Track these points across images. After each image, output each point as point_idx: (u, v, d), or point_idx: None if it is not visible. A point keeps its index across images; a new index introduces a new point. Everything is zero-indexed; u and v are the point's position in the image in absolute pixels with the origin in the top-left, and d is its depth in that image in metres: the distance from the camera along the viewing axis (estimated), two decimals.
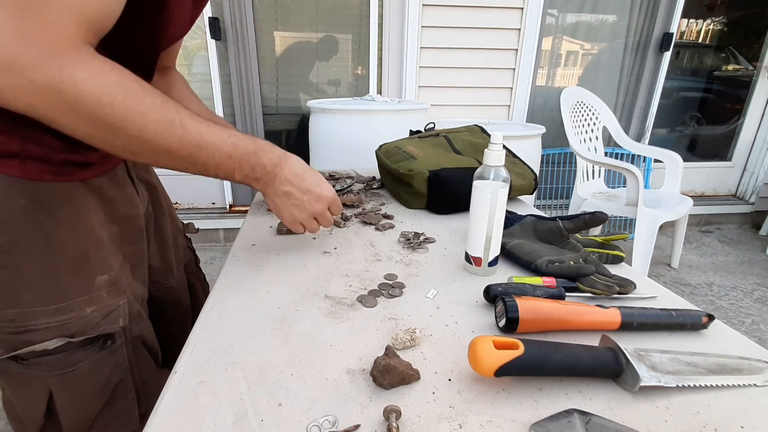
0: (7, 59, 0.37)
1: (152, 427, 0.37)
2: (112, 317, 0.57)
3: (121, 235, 0.62)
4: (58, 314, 0.52)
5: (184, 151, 0.50)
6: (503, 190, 0.60)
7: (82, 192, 0.55)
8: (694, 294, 2.17)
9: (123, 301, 0.59)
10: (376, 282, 0.62)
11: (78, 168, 0.54)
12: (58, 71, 0.40)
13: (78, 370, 0.54)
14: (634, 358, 0.42)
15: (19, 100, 0.40)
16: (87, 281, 0.55)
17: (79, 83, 0.41)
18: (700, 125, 3.21)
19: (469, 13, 2.37)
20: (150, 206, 0.72)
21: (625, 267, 0.68)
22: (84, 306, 0.54)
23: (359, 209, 0.92)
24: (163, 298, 0.75)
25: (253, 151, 0.58)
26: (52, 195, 0.52)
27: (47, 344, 0.52)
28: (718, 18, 3.05)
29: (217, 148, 0.53)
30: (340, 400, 0.40)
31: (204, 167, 0.54)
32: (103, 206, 0.58)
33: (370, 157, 1.13)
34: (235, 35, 2.38)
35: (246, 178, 0.59)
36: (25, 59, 0.38)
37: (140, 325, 0.62)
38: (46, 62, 0.39)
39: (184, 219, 0.97)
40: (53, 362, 0.53)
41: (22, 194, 0.50)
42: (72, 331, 0.53)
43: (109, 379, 0.58)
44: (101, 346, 0.56)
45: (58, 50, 0.40)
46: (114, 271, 0.58)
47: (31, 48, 0.38)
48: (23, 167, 0.50)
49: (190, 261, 0.86)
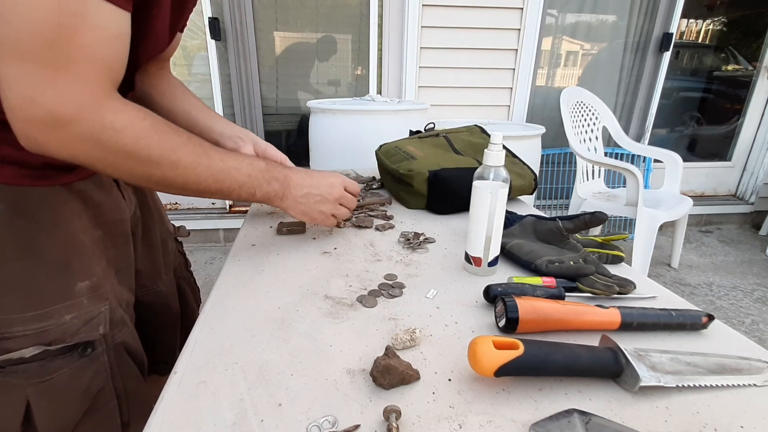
0: (49, 117, 0.41)
1: (152, 427, 0.37)
2: (93, 324, 0.56)
3: (105, 239, 0.60)
4: (35, 321, 0.51)
5: (211, 179, 0.56)
6: (503, 190, 0.60)
7: (63, 196, 0.54)
8: (694, 294, 2.17)
9: (105, 307, 0.57)
10: (376, 282, 0.62)
11: (59, 172, 0.53)
12: (99, 122, 0.44)
13: (57, 379, 0.53)
14: (634, 358, 0.42)
15: (65, 152, 0.44)
16: (67, 287, 0.54)
17: (119, 130, 0.45)
18: (699, 125, 3.21)
19: (469, 13, 2.37)
20: (138, 210, 0.71)
21: (625, 267, 0.68)
22: (63, 313, 0.53)
23: (361, 210, 0.92)
24: (152, 303, 0.74)
25: (266, 168, 0.63)
26: (32, 199, 0.51)
27: (23, 352, 0.50)
28: (718, 18, 3.06)
29: (237, 170, 0.59)
30: (340, 400, 0.40)
31: (228, 190, 0.58)
32: (86, 210, 0.57)
33: (370, 157, 1.13)
34: (235, 35, 2.38)
35: (266, 195, 0.64)
36: (66, 114, 0.42)
37: (123, 332, 0.61)
38: (87, 114, 0.43)
39: (184, 219, 0.97)
40: (30, 370, 0.51)
41: (0, 200, 0.49)
42: (50, 338, 0.52)
43: (90, 387, 0.56)
44: (80, 354, 0.55)
45: (95, 102, 0.44)
46: (96, 276, 0.57)
47: (70, 103, 0.42)
48: (1, 172, 0.49)
49: (180, 265, 0.86)
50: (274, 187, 0.64)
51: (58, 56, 0.40)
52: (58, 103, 0.41)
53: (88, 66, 0.42)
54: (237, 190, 0.59)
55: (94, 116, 0.43)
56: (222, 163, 0.57)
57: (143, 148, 0.48)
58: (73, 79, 0.42)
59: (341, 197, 0.72)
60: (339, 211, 0.72)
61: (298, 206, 0.68)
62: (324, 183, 0.70)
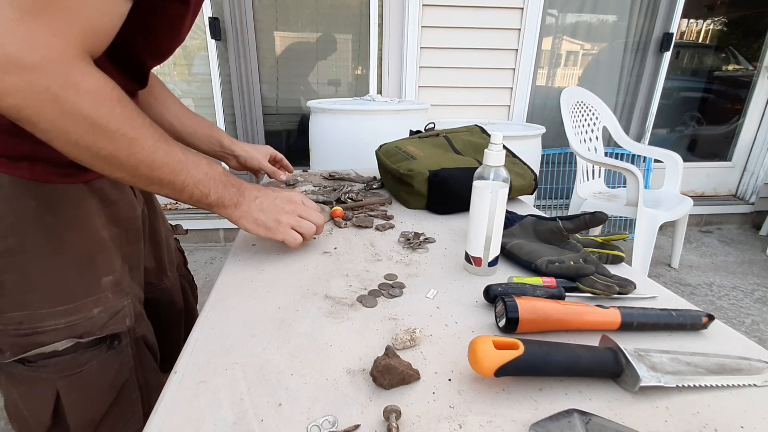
0: (6, 59, 0.37)
1: (152, 427, 0.37)
2: (119, 317, 0.58)
3: (121, 236, 0.62)
4: (66, 315, 0.53)
5: (167, 168, 0.51)
6: (503, 190, 0.60)
7: (85, 194, 0.56)
8: (694, 294, 2.17)
9: (127, 301, 0.59)
10: (376, 282, 0.62)
11: (81, 170, 0.54)
12: (62, 77, 0.40)
13: (86, 371, 0.55)
14: (634, 358, 0.42)
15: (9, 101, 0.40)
16: (93, 282, 0.56)
17: (82, 92, 0.42)
18: (700, 125, 3.21)
19: (469, 13, 2.37)
20: (145, 208, 0.72)
21: (625, 267, 0.68)
22: (91, 307, 0.55)
23: (361, 211, 0.92)
24: (158, 300, 0.75)
25: (223, 172, 0.59)
26: (59, 197, 0.53)
27: (57, 345, 0.52)
28: (718, 18, 3.05)
29: (196, 166, 0.54)
30: (340, 400, 0.40)
31: (182, 185, 0.53)
32: (104, 208, 0.59)
33: (370, 157, 1.13)
34: (235, 35, 2.38)
35: (219, 199, 0.58)
36: (28, 61, 0.38)
37: (142, 326, 0.63)
38: (51, 67, 0.40)
39: (185, 219, 0.97)
40: (62, 363, 0.53)
41: (31, 196, 0.50)
42: (80, 331, 0.54)
43: (116, 379, 0.58)
44: (108, 347, 0.57)
45: (64, 58, 0.41)
46: (117, 272, 0.59)
47: (36, 51, 0.39)
48: (32, 169, 0.50)
49: (180, 262, 0.87)
50: (229, 192, 0.59)
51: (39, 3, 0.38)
52: (23, 48, 0.38)
53: (67, 23, 0.40)
54: (191, 187, 0.54)
55: (59, 70, 0.40)
56: (182, 155, 0.53)
57: (102, 116, 0.44)
58: (48, 30, 0.39)
59: (302, 211, 0.66)
60: (300, 224, 0.65)
61: (251, 215, 0.62)
62: (281, 195, 0.66)
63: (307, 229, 0.65)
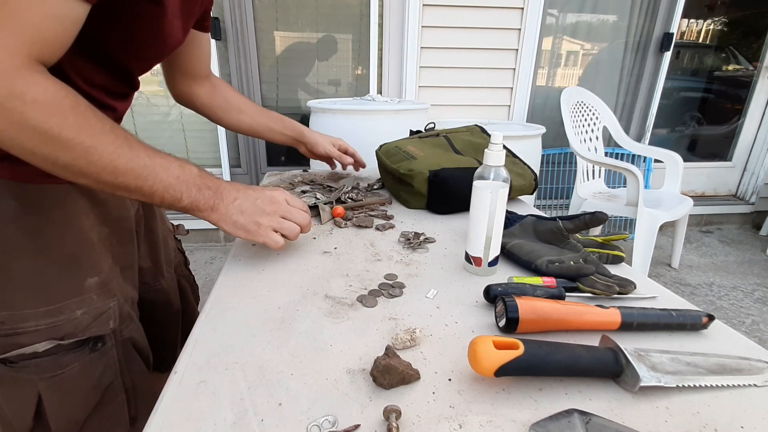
0: None
1: (152, 427, 0.37)
2: (103, 319, 0.57)
3: (111, 236, 0.61)
4: (47, 316, 0.52)
5: (131, 174, 0.49)
6: (503, 190, 0.60)
7: (72, 194, 0.55)
8: (694, 294, 2.17)
9: (113, 302, 0.58)
10: (376, 282, 0.62)
11: None
12: (6, 88, 0.40)
13: (68, 373, 0.54)
14: (634, 358, 0.42)
15: None
16: (77, 283, 0.55)
17: (28, 102, 0.41)
18: (700, 125, 3.21)
19: (469, 13, 2.37)
20: (140, 208, 0.71)
21: (625, 267, 0.68)
22: (74, 308, 0.54)
23: (361, 210, 0.92)
24: (154, 300, 0.75)
25: (198, 173, 0.57)
26: (43, 197, 0.52)
27: (36, 347, 0.51)
28: (719, 18, 3.05)
29: (165, 170, 0.52)
30: (340, 400, 0.40)
31: (150, 190, 0.51)
32: (93, 208, 0.58)
33: (370, 157, 1.13)
34: (235, 35, 2.38)
35: (194, 203, 0.56)
36: None
37: (130, 327, 0.62)
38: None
39: (185, 219, 0.97)
40: (43, 365, 0.52)
41: (12, 197, 0.50)
42: (62, 333, 0.53)
43: (100, 382, 0.57)
44: (91, 349, 0.56)
45: (8, 68, 0.40)
46: (104, 273, 0.58)
47: None
48: (13, 170, 0.50)
49: (180, 263, 0.86)
50: (204, 195, 0.56)
51: None
52: None
53: (9, 32, 0.40)
54: (160, 192, 0.52)
55: (1, 81, 0.39)
56: (148, 159, 0.50)
57: (53, 126, 0.42)
58: None
59: (285, 211, 0.62)
60: (281, 225, 0.62)
61: (230, 218, 0.59)
62: (262, 195, 0.62)
63: (290, 230, 0.63)
